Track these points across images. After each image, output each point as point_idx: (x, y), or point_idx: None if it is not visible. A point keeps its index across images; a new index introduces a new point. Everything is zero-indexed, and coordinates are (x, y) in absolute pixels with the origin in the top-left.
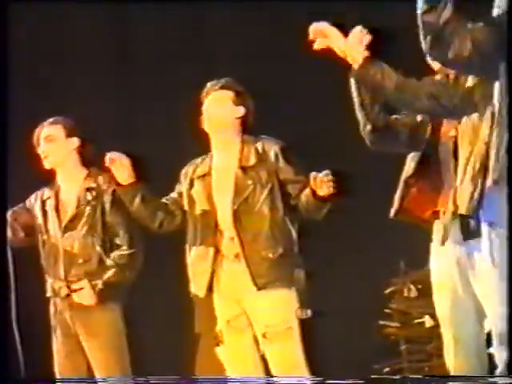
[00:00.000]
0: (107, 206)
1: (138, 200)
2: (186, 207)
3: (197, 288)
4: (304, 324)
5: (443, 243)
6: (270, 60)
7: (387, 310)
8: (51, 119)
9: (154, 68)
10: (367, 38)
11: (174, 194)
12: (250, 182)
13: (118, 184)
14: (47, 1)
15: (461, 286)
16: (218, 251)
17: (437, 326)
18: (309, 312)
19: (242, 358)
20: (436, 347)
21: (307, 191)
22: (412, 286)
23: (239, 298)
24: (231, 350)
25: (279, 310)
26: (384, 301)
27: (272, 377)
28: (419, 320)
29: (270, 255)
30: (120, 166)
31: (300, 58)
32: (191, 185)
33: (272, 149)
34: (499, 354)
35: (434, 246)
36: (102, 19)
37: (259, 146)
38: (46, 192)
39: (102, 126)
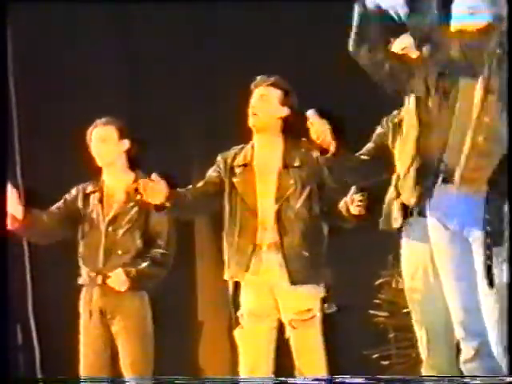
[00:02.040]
0: (153, 217)
1: (177, 211)
2: (227, 195)
3: (233, 273)
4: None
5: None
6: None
7: (377, 301)
8: (104, 119)
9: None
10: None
11: (211, 179)
12: (292, 181)
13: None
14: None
15: (429, 277)
16: (256, 242)
17: None
18: (334, 307)
19: (257, 343)
20: None
21: (342, 204)
22: (399, 278)
23: (272, 288)
24: (248, 335)
25: (307, 302)
26: (374, 292)
27: (278, 377)
28: (406, 310)
29: (306, 253)
30: (152, 192)
31: None
32: (232, 172)
33: (315, 152)
34: (464, 344)
35: (404, 241)
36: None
37: (303, 147)
38: (90, 187)
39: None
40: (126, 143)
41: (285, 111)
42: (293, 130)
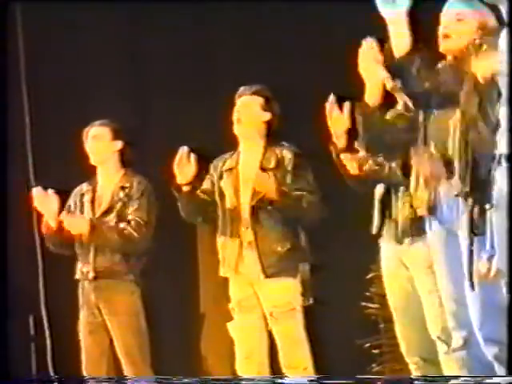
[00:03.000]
0: (135, 204)
1: (191, 205)
2: (217, 198)
3: (226, 271)
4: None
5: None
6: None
7: (368, 294)
8: (100, 121)
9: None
10: None
11: (206, 186)
12: (268, 181)
13: (178, 186)
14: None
15: (407, 280)
16: (240, 240)
17: None
18: (311, 300)
19: (249, 333)
20: None
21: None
22: None
23: (251, 282)
24: (240, 326)
25: (285, 295)
26: (365, 285)
27: (280, 377)
28: None
29: (279, 248)
30: (185, 167)
31: None
32: (221, 177)
33: (288, 155)
34: (454, 333)
35: (383, 244)
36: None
37: (279, 151)
38: (85, 186)
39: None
40: (119, 144)
41: (267, 116)
42: (274, 133)
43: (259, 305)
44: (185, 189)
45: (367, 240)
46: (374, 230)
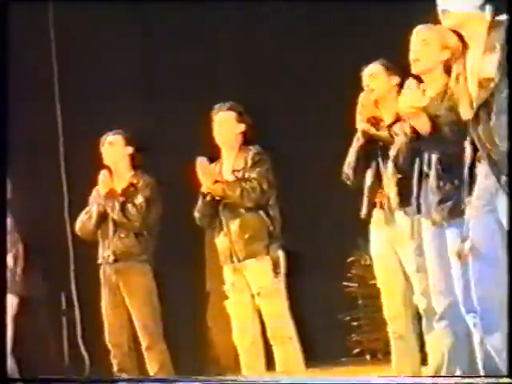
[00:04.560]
0: (141, 199)
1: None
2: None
3: (223, 258)
4: (289, 284)
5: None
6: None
7: (349, 274)
8: (115, 130)
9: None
10: None
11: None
12: (235, 183)
13: (203, 194)
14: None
15: (396, 260)
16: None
17: None
18: (280, 271)
19: (242, 310)
20: None
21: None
22: (367, 256)
23: (239, 267)
24: (234, 305)
25: (266, 275)
26: (347, 267)
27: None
28: (372, 282)
29: (246, 236)
30: (208, 174)
31: None
32: None
33: (250, 155)
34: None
35: (373, 228)
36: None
37: (248, 153)
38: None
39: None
40: (130, 149)
41: (242, 127)
42: (250, 140)
43: (248, 286)
44: (208, 198)
45: (349, 228)
46: (363, 215)
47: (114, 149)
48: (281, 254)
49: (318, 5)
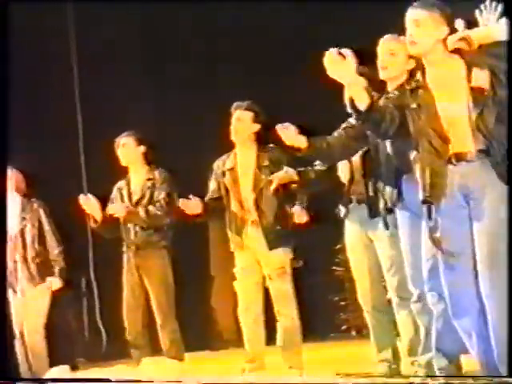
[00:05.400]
0: (159, 190)
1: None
2: (223, 192)
3: (234, 245)
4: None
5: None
6: None
7: (337, 260)
8: (126, 132)
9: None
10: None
11: (213, 187)
12: (263, 176)
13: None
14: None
15: (365, 251)
16: (243, 221)
17: None
18: (301, 262)
19: (249, 291)
20: None
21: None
22: None
23: (255, 252)
24: (242, 285)
25: (280, 262)
26: (334, 253)
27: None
28: None
29: (278, 227)
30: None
31: None
32: (223, 175)
33: (278, 156)
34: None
35: (347, 222)
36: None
37: (270, 152)
38: (121, 183)
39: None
40: (142, 148)
41: (256, 127)
42: (263, 139)
43: (259, 269)
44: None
45: (336, 218)
46: (342, 215)
47: (128, 150)
48: (296, 242)
49: None
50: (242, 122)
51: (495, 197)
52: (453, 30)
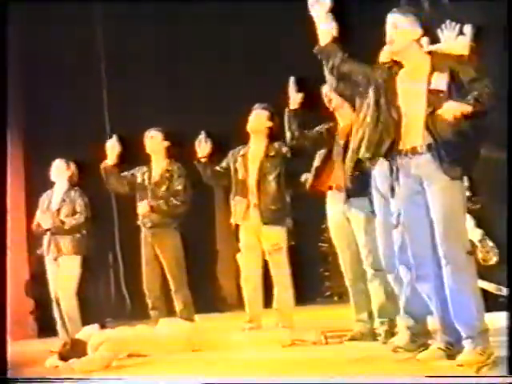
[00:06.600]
0: (177, 182)
1: (209, 171)
2: (233, 173)
3: (236, 219)
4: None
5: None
6: None
7: (322, 237)
8: (155, 128)
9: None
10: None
11: (224, 164)
12: (268, 164)
13: (198, 159)
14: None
15: (345, 230)
16: (247, 202)
17: None
18: (292, 242)
19: (249, 263)
20: None
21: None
22: None
23: (256, 230)
24: (244, 258)
25: (276, 238)
26: (321, 231)
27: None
28: None
29: (273, 207)
30: (203, 146)
31: None
32: (236, 160)
33: (283, 148)
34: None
35: (328, 206)
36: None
37: (276, 144)
38: (144, 168)
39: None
40: (166, 143)
41: (269, 124)
42: (273, 134)
43: (259, 245)
44: (202, 160)
45: (322, 202)
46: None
47: (154, 141)
48: (291, 223)
49: None
50: (259, 118)
51: (439, 188)
52: (425, 33)
